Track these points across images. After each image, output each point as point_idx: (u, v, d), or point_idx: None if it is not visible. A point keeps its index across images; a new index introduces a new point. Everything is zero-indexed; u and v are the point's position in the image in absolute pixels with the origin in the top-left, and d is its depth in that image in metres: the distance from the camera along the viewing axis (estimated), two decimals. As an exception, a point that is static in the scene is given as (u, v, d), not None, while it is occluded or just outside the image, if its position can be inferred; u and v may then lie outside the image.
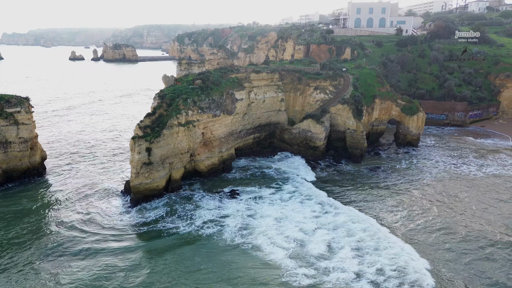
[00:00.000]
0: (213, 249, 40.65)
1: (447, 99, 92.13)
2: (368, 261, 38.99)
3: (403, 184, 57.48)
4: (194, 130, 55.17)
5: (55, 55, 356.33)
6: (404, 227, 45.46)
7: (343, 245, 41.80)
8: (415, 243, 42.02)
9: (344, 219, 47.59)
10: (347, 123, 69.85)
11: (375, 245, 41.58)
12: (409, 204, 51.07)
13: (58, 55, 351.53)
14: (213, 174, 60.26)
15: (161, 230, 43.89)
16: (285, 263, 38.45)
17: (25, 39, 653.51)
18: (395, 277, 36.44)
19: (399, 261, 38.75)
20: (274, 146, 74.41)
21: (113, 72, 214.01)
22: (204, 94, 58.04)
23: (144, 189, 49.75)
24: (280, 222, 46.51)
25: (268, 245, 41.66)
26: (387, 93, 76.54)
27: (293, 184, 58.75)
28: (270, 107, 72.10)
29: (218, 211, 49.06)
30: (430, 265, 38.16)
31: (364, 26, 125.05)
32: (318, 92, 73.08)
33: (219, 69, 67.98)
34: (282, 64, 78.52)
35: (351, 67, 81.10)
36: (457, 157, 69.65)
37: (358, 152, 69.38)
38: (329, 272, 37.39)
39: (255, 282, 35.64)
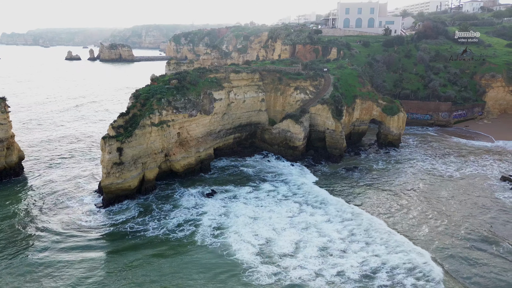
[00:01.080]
0: (179, 247, 40.77)
1: (432, 99, 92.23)
2: (331, 262, 39.06)
3: (376, 185, 57.52)
4: (169, 130, 55.32)
5: (52, 55, 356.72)
6: (371, 227, 45.54)
7: (310, 244, 41.91)
8: (380, 244, 42.15)
9: (319, 218, 47.85)
10: (326, 123, 70.01)
11: (344, 247, 41.57)
12: (377, 205, 51.12)
13: (55, 55, 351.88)
14: (190, 174, 60.48)
15: (127, 231, 44.01)
16: (249, 261, 38.61)
17: (24, 39, 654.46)
18: (354, 280, 36.53)
19: (364, 265, 38.83)
20: (255, 146, 74.60)
21: (106, 72, 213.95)
22: (180, 94, 58.22)
23: (116, 189, 49.91)
24: (254, 220, 46.85)
25: (236, 243, 41.88)
26: (368, 93, 76.69)
27: (270, 183, 59.01)
28: (250, 107, 72.25)
29: (193, 210, 49.38)
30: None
31: (353, 26, 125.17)
32: (298, 92, 73.23)
33: (197, 69, 68.15)
34: (263, 64, 78.68)
35: (333, 67, 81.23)
36: (437, 157, 69.72)
37: (337, 152, 69.55)
38: (290, 270, 37.54)
39: (214, 281, 35.76)
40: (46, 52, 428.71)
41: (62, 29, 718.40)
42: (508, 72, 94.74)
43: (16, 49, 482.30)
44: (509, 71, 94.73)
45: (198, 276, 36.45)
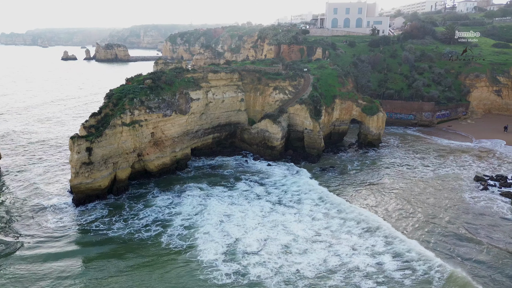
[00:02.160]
0: (140, 248, 40.87)
1: (415, 99, 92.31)
2: (292, 260, 39.22)
3: (347, 185, 57.56)
4: (141, 129, 55.48)
5: (49, 55, 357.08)
6: (341, 228, 45.65)
7: (276, 242, 42.06)
8: (343, 244, 42.31)
9: (290, 218, 48.08)
10: (304, 123, 70.16)
11: (304, 247, 41.65)
12: (344, 207, 51.20)
13: (52, 55, 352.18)
14: (166, 174, 60.69)
15: (91, 230, 44.08)
16: (211, 260, 38.62)
17: (23, 39, 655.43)
18: (309, 278, 36.70)
19: (320, 265, 38.94)
20: (235, 146, 74.74)
21: (97, 72, 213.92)
22: (154, 94, 58.38)
23: (86, 189, 50.08)
24: (227, 220, 47.00)
25: (204, 243, 41.79)
26: (348, 93, 76.81)
27: (246, 183, 59.24)
28: (229, 107, 72.41)
29: (165, 210, 49.37)
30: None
31: (341, 26, 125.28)
32: (277, 92, 73.36)
33: (174, 69, 68.24)
34: (243, 64, 78.85)
35: (313, 67, 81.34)
36: (415, 157, 69.74)
37: (315, 152, 69.72)
38: (250, 268, 37.66)
39: (171, 282, 35.86)
40: (43, 52, 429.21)
41: (61, 29, 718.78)
42: (492, 72, 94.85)
43: (14, 49, 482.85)
44: (493, 71, 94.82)
45: (154, 276, 36.52)
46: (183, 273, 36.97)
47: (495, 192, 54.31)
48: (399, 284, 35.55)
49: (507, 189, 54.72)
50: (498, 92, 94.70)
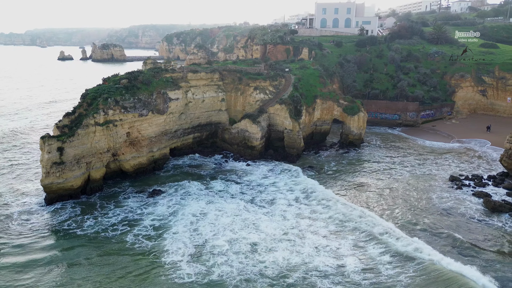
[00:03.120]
0: (105, 249, 40.87)
1: (400, 99, 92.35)
2: (258, 259, 39.26)
3: (321, 185, 57.58)
4: (116, 129, 55.59)
5: (46, 55, 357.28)
6: (308, 228, 45.72)
7: (245, 242, 42.12)
8: (307, 243, 42.43)
9: (263, 217, 48.18)
10: (284, 123, 70.25)
11: (270, 246, 41.74)
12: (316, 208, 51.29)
13: (49, 55, 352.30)
14: (142, 174, 60.83)
15: (59, 230, 44.16)
16: (175, 261, 38.58)
17: (22, 39, 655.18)
18: (268, 276, 36.82)
19: (283, 264, 39.03)
20: (217, 146, 74.80)
21: (89, 72, 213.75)
22: (129, 94, 58.48)
23: (58, 189, 50.19)
24: (199, 220, 47.08)
25: (171, 244, 41.74)
26: (329, 93, 76.90)
27: (223, 182, 59.40)
28: (210, 106, 72.53)
29: (137, 210, 49.38)
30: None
31: (330, 27, 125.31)
32: (258, 92, 73.46)
33: (152, 69, 68.36)
34: (224, 64, 78.96)
35: (295, 68, 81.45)
36: (395, 157, 69.69)
37: (294, 151, 69.82)
38: (216, 268, 37.76)
39: (130, 282, 35.92)
40: (41, 52, 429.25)
41: (60, 29, 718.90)
42: (477, 72, 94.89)
43: (12, 49, 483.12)
44: (478, 71, 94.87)
45: (113, 276, 36.51)
46: (143, 273, 36.97)
47: (468, 192, 54.29)
48: (356, 285, 35.65)
49: (480, 189, 54.63)
50: (483, 92, 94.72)
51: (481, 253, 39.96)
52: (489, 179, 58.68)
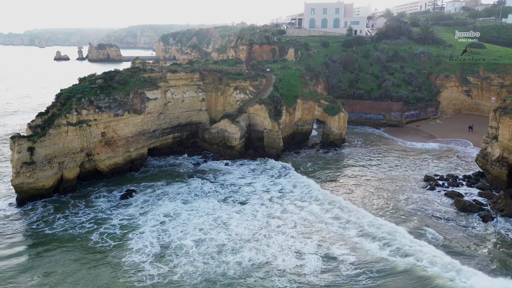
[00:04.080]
0: (69, 248, 40.94)
1: (385, 99, 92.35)
2: (223, 259, 39.26)
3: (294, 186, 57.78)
4: (89, 129, 55.64)
5: (43, 55, 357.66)
6: (277, 229, 45.76)
7: (213, 243, 42.09)
8: (274, 244, 42.51)
9: (235, 216, 48.33)
10: (264, 123, 70.37)
11: (237, 247, 41.73)
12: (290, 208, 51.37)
13: (46, 55, 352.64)
14: (118, 174, 60.88)
15: (27, 229, 44.32)
16: (137, 262, 38.53)
17: (21, 39, 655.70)
18: (229, 276, 36.88)
19: (246, 264, 39.10)
20: (197, 146, 74.91)
21: (83, 73, 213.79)
22: (104, 94, 58.52)
23: (29, 189, 50.23)
24: (170, 220, 47.13)
25: (136, 244, 41.76)
26: (310, 93, 76.93)
27: (199, 182, 59.43)
28: (190, 106, 72.57)
29: (109, 210, 49.42)
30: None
31: (319, 27, 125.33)
32: (238, 92, 73.51)
33: (130, 69, 68.50)
34: (205, 64, 79.04)
35: (277, 68, 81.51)
36: (374, 158, 69.61)
37: (274, 151, 69.94)
38: (179, 268, 37.79)
39: (88, 282, 35.93)
40: (39, 52, 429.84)
41: (59, 29, 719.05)
42: (462, 72, 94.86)
43: (10, 49, 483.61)
44: (463, 71, 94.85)
45: (72, 276, 36.58)
46: (103, 272, 37.00)
47: (440, 193, 54.29)
48: (310, 285, 35.74)
49: (453, 189, 54.65)
50: (467, 92, 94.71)
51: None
52: (464, 179, 58.67)
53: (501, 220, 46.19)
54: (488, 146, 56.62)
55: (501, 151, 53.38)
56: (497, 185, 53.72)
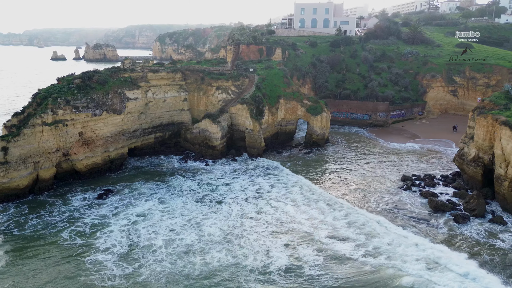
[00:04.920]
0: (35, 248, 40.84)
1: (371, 99, 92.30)
2: (190, 260, 39.27)
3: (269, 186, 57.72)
4: (66, 129, 55.68)
5: (41, 55, 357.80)
6: (250, 229, 45.78)
7: (182, 243, 42.12)
8: (245, 244, 42.52)
9: (210, 215, 48.47)
10: (245, 123, 70.41)
11: (207, 247, 41.74)
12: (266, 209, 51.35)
13: (43, 55, 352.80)
14: (97, 174, 60.92)
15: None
16: (101, 261, 38.57)
17: (20, 39, 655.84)
18: (193, 277, 36.91)
19: (213, 264, 39.14)
20: (180, 145, 74.87)
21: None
22: (82, 93, 58.56)
23: (3, 189, 50.14)
24: (143, 218, 47.26)
25: (103, 243, 41.94)
26: (293, 93, 76.92)
27: (178, 181, 59.55)
28: (172, 106, 72.58)
29: (83, 209, 49.47)
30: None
31: (309, 27, 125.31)
32: (220, 92, 73.56)
33: (109, 69, 68.54)
34: (188, 64, 79.07)
35: (261, 68, 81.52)
36: (355, 158, 69.41)
37: (255, 151, 70.00)
38: (143, 269, 37.80)
39: (49, 281, 35.94)
40: (37, 52, 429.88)
41: (58, 29, 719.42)
42: (448, 72, 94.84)
43: (8, 49, 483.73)
44: (449, 71, 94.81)
45: (37, 276, 36.60)
46: (65, 270, 36.99)
47: (416, 192, 54.28)
48: (274, 284, 35.79)
49: (429, 189, 54.65)
50: (453, 92, 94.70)
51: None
52: (441, 179, 58.67)
53: (473, 220, 46.17)
54: (466, 146, 56.58)
55: (476, 151, 53.36)
56: (472, 185, 53.71)
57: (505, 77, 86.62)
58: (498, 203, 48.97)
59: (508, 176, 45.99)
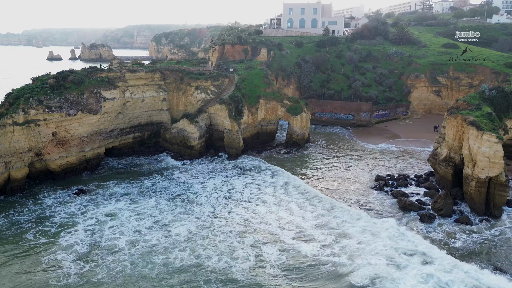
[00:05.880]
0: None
1: (354, 100, 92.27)
2: (151, 260, 39.24)
3: (243, 186, 57.70)
4: (38, 129, 55.66)
5: (37, 55, 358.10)
6: (219, 229, 45.83)
7: (146, 244, 42.07)
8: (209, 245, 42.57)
9: (177, 217, 48.35)
10: (224, 123, 70.42)
11: (171, 247, 41.85)
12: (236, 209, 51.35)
13: (40, 55, 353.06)
14: (72, 174, 60.89)
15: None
16: (59, 259, 38.63)
17: (18, 39, 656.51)
18: (150, 278, 36.93)
19: (174, 264, 39.15)
20: (160, 145, 74.89)
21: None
22: (55, 93, 58.57)
23: (-28, 188, 50.46)
24: (113, 218, 47.36)
25: (66, 242, 41.94)
26: (273, 93, 76.89)
27: (152, 182, 59.54)
28: (151, 106, 72.61)
29: (55, 208, 49.56)
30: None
31: (297, 27, 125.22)
32: (199, 92, 73.60)
33: (86, 68, 68.52)
34: (168, 64, 79.10)
35: (242, 68, 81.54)
36: (331, 158, 69.19)
37: (233, 151, 69.96)
38: (101, 268, 37.77)
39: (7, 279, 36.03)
40: (35, 52, 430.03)
41: (56, 29, 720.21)
42: (432, 72, 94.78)
43: (6, 49, 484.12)
44: (433, 72, 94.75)
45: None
46: (24, 269, 37.01)
47: (388, 192, 54.26)
48: (236, 283, 35.83)
49: (401, 189, 54.64)
50: (437, 92, 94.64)
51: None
52: (415, 179, 58.66)
53: (439, 219, 46.18)
54: (439, 146, 56.57)
55: (448, 151, 53.36)
56: (443, 185, 53.69)
57: (488, 77, 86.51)
58: (467, 203, 48.86)
59: (475, 176, 45.97)
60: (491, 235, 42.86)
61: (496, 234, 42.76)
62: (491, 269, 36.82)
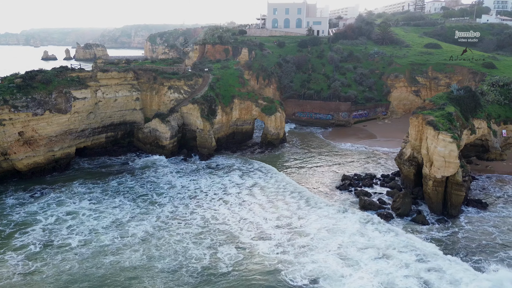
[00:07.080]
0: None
1: (333, 99, 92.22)
2: (101, 260, 39.28)
3: (209, 186, 57.72)
4: (3, 128, 55.60)
5: (33, 55, 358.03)
6: (176, 229, 45.91)
7: (99, 243, 42.08)
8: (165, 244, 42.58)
9: (136, 217, 48.35)
10: (196, 123, 70.43)
11: (124, 247, 41.87)
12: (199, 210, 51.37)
13: (36, 55, 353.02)
14: (40, 173, 60.88)
15: None
16: (9, 257, 38.67)
17: (16, 39, 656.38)
18: (95, 277, 36.93)
19: (120, 265, 39.20)
20: (133, 145, 74.87)
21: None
22: (22, 93, 58.60)
23: None
24: (73, 217, 47.49)
25: (19, 241, 41.86)
26: (248, 93, 76.92)
27: (119, 181, 59.46)
28: (123, 106, 72.58)
29: (10, 209, 49.49)
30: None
31: (282, 27, 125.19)
32: (172, 91, 73.55)
33: (56, 68, 68.46)
34: (142, 64, 79.09)
35: (217, 67, 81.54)
36: (302, 158, 68.66)
37: (205, 151, 69.98)
38: (47, 267, 37.73)
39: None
40: (31, 52, 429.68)
41: (55, 29, 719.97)
42: (411, 72, 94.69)
43: (3, 49, 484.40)
44: (412, 72, 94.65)
45: None
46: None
47: (351, 192, 54.25)
48: (188, 284, 35.94)
49: (363, 188, 54.62)
50: (416, 92, 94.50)
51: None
52: (381, 179, 58.65)
53: (396, 219, 46.20)
54: (405, 145, 56.58)
55: (411, 150, 53.36)
56: (407, 184, 53.68)
57: (465, 77, 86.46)
58: (426, 203, 48.85)
59: (432, 176, 45.98)
60: (440, 236, 42.78)
61: (445, 235, 42.68)
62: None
